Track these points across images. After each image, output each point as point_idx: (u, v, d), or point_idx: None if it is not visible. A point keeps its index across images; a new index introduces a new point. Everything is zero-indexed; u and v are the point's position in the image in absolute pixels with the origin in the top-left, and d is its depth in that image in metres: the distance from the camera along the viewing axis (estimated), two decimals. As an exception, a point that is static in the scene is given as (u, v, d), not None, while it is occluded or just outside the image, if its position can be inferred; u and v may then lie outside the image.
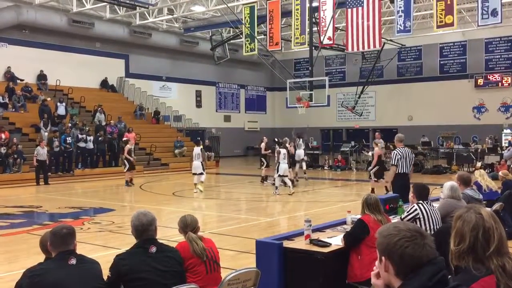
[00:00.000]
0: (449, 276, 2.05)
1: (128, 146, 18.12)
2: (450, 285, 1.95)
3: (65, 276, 3.31)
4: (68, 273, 3.33)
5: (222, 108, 34.49)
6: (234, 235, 9.40)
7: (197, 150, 15.89)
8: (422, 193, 5.51)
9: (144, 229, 3.76)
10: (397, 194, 7.52)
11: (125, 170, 17.90)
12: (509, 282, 2.14)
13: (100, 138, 21.79)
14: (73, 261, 3.38)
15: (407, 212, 5.45)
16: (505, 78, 27.90)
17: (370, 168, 15.37)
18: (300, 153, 18.16)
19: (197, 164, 15.60)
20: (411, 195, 5.75)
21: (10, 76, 23.53)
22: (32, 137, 21.30)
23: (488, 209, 2.40)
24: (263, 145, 18.25)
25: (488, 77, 28.44)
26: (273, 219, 11.54)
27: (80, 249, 3.86)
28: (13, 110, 22.20)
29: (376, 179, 14.42)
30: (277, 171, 14.90)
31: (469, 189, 7.18)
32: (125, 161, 17.86)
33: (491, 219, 2.25)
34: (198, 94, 32.86)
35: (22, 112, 22.45)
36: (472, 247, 2.21)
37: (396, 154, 9.11)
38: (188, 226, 4.26)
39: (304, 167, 18.78)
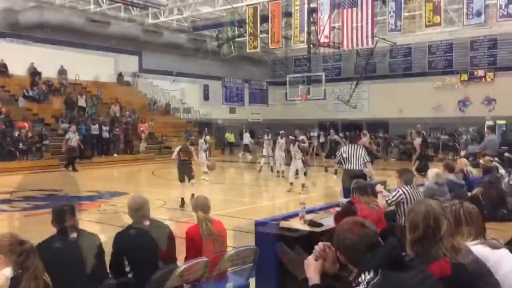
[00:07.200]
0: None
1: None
2: (406, 260, 2.04)
3: (68, 249, 3.40)
4: (70, 246, 3.42)
5: (227, 101, 34.37)
6: (237, 217, 9.47)
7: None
8: (407, 178, 5.54)
9: (138, 208, 3.88)
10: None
11: None
12: (459, 258, 2.20)
13: (117, 129, 21.82)
14: (74, 235, 3.45)
15: (392, 195, 5.47)
16: (488, 73, 27.72)
17: None
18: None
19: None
20: (397, 180, 5.76)
21: (33, 72, 23.57)
22: (54, 127, 21.38)
23: (435, 201, 2.49)
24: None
25: (473, 73, 28.27)
26: (273, 202, 11.59)
27: (98, 228, 3.92)
28: (36, 103, 22.26)
29: None
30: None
31: (452, 175, 7.21)
32: None
33: (439, 207, 2.34)
34: (206, 88, 32.77)
35: (45, 104, 22.51)
36: (425, 233, 2.25)
37: None
38: (199, 205, 4.32)
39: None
